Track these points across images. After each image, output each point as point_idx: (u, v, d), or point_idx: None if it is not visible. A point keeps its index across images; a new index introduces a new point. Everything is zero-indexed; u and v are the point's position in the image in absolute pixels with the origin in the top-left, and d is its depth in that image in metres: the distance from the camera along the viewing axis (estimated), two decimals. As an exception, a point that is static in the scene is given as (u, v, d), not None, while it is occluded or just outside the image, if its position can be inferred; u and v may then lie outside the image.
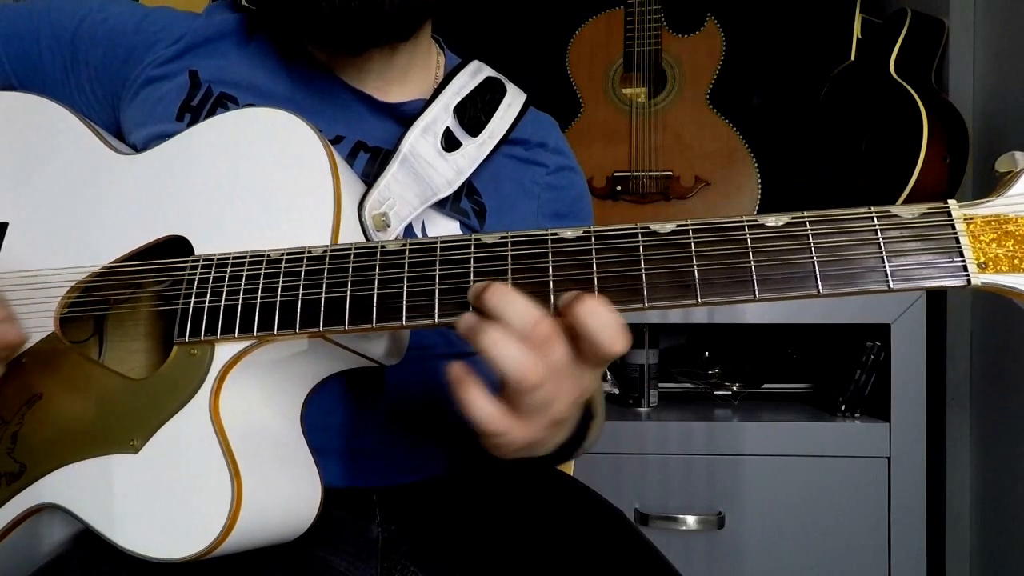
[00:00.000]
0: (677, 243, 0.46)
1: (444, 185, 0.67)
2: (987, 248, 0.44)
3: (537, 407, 0.46)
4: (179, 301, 0.54)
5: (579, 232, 0.48)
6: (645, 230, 0.47)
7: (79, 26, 0.71)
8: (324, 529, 0.57)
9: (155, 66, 0.70)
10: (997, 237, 0.44)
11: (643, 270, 0.46)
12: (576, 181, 0.81)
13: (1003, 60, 1.26)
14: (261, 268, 0.52)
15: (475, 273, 0.48)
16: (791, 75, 1.60)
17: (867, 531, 1.21)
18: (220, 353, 0.52)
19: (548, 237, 0.48)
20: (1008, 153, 0.46)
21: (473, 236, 0.50)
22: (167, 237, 0.58)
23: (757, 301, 0.45)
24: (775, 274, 0.45)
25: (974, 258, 0.44)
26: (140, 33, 0.71)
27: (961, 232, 0.44)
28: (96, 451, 0.53)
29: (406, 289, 0.49)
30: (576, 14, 1.52)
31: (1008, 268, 0.43)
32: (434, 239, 0.51)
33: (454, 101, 0.70)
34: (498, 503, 0.67)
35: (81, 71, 0.71)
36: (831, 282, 0.44)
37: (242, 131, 0.59)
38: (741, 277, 0.45)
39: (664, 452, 1.26)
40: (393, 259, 0.50)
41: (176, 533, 0.49)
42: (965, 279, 0.43)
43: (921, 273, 0.44)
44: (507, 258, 0.48)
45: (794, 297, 0.45)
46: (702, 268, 0.45)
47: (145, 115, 0.68)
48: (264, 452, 0.53)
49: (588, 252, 0.47)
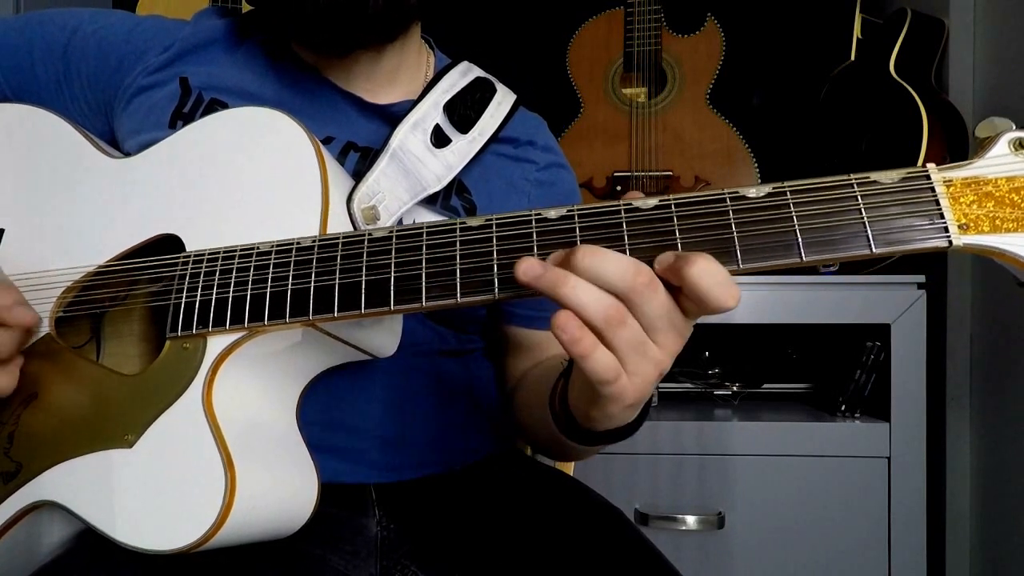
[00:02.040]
0: (659, 217, 0.46)
1: (434, 181, 0.67)
2: (968, 210, 0.44)
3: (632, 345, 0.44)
4: (171, 297, 0.54)
5: (562, 211, 0.48)
6: (628, 206, 0.47)
7: (71, 38, 0.72)
8: (322, 527, 0.57)
9: (146, 74, 0.71)
10: (977, 198, 0.44)
11: (627, 245, 0.46)
12: (566, 177, 0.81)
13: (1003, 60, 1.26)
14: (251, 260, 0.53)
15: (461, 256, 0.49)
16: (791, 75, 1.60)
17: (867, 531, 1.21)
18: (212, 346, 0.53)
19: (532, 217, 0.49)
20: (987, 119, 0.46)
21: (459, 221, 0.50)
22: (159, 236, 0.58)
23: (741, 272, 0.45)
24: (758, 243, 0.45)
25: (955, 219, 0.44)
26: (131, 43, 0.72)
27: (941, 194, 0.44)
28: (91, 447, 0.53)
29: (393, 275, 0.50)
30: (576, 14, 1.52)
31: (989, 229, 0.44)
32: (420, 225, 0.51)
33: (444, 99, 0.71)
34: (498, 502, 0.67)
35: (74, 82, 0.72)
36: (814, 249, 0.44)
37: (229, 130, 0.59)
38: (724, 248, 0.45)
39: (664, 452, 1.26)
40: (380, 246, 0.51)
41: (170, 525, 0.49)
42: (947, 240, 0.44)
43: (903, 236, 0.44)
44: (492, 239, 0.49)
45: (778, 265, 0.45)
46: (685, 241, 0.46)
47: (138, 123, 0.69)
48: (259, 445, 0.53)
49: (572, 231, 0.48)
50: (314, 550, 0.62)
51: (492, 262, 0.48)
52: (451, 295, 0.48)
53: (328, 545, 0.63)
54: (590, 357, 0.43)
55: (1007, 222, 0.44)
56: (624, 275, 0.43)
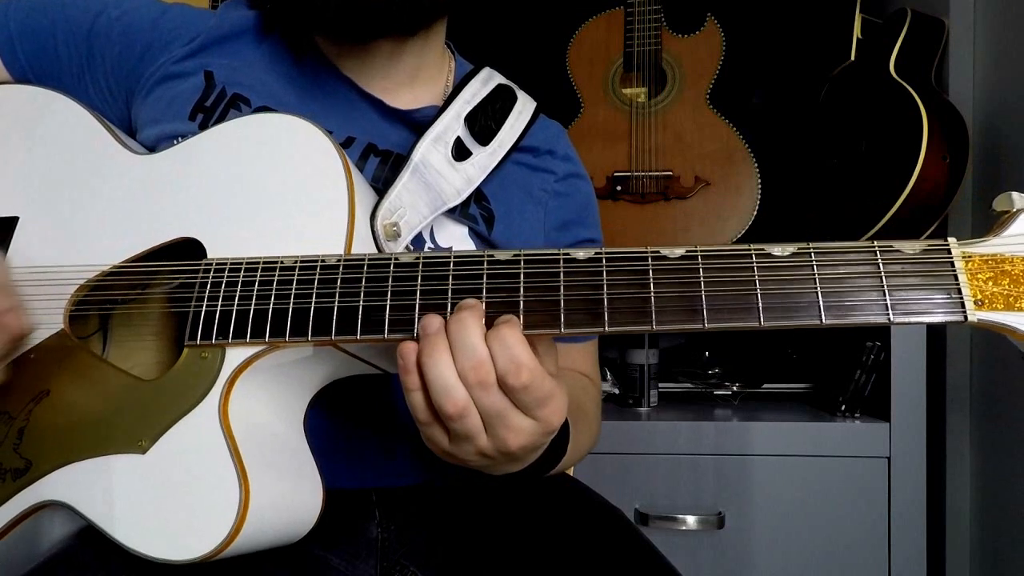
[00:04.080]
0: (686, 268, 0.47)
1: (454, 194, 0.67)
2: (984, 286, 0.45)
3: (462, 435, 0.48)
4: (191, 303, 0.54)
5: (591, 253, 0.49)
6: (655, 254, 0.48)
7: (95, 22, 0.71)
8: (323, 528, 0.57)
9: (172, 63, 0.70)
10: (994, 276, 0.45)
11: (652, 293, 0.47)
12: (583, 188, 0.81)
13: (1003, 60, 1.26)
14: (274, 275, 0.53)
15: (487, 289, 0.49)
16: (791, 75, 1.60)
17: (867, 531, 1.21)
18: (231, 357, 0.52)
19: (560, 257, 0.49)
20: (1005, 193, 0.47)
21: (486, 252, 0.50)
22: (179, 239, 0.58)
23: (762, 328, 0.46)
24: (780, 302, 0.46)
25: (971, 295, 0.45)
26: (156, 30, 0.71)
27: (960, 270, 0.45)
28: (103, 450, 0.53)
29: (419, 302, 0.50)
30: (576, 14, 1.52)
31: (1003, 306, 0.45)
32: (447, 253, 0.51)
33: (465, 110, 0.70)
34: (498, 503, 0.67)
35: (97, 66, 0.71)
36: (833, 312, 0.45)
37: (258, 137, 0.59)
38: (747, 304, 0.46)
39: (664, 452, 1.26)
40: (406, 271, 0.51)
41: (182, 535, 0.49)
42: (962, 315, 0.45)
43: (920, 307, 0.45)
44: (519, 276, 0.49)
45: (798, 326, 0.46)
46: (709, 294, 0.46)
47: (159, 113, 0.68)
48: (270, 456, 0.53)
49: (599, 274, 0.48)
50: (315, 551, 0.62)
51: (519, 299, 0.48)
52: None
53: (329, 546, 0.63)
54: (409, 393, 0.49)
55: (1021, 300, 0.45)
56: (463, 371, 0.46)
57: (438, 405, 0.47)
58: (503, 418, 0.47)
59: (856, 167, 1.32)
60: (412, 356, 0.48)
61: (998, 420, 1.23)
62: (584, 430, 0.70)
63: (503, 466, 0.53)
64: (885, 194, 1.24)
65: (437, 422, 0.49)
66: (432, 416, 0.49)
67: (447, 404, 0.47)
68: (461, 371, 0.46)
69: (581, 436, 0.68)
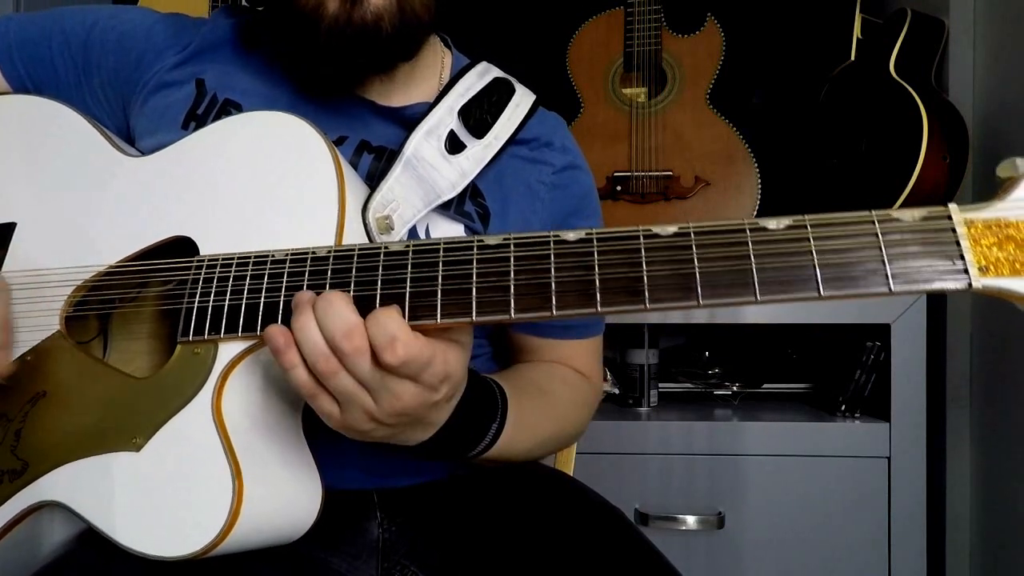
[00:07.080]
0: (679, 245, 0.46)
1: (448, 188, 0.67)
2: (988, 252, 0.44)
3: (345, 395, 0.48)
4: (183, 300, 0.54)
5: (581, 234, 0.48)
6: (647, 232, 0.47)
7: (90, 32, 0.72)
8: (323, 529, 0.57)
9: (166, 71, 0.70)
10: (998, 241, 0.44)
11: (645, 272, 0.46)
12: (582, 179, 0.80)
13: (1003, 60, 1.26)
14: (265, 268, 0.53)
15: (478, 274, 0.48)
16: (791, 75, 1.60)
17: (867, 531, 1.21)
18: (223, 352, 0.52)
19: (550, 239, 0.48)
20: (1009, 159, 0.46)
21: (476, 238, 0.50)
22: (173, 238, 0.58)
23: (758, 303, 0.45)
24: (776, 276, 0.45)
25: (975, 261, 0.43)
26: (151, 39, 0.72)
27: (962, 235, 0.44)
28: (98, 449, 0.53)
29: (409, 290, 0.49)
30: (576, 14, 1.52)
31: (1009, 272, 0.43)
32: (437, 240, 0.51)
33: (459, 103, 0.70)
34: (498, 503, 0.67)
35: (93, 76, 0.72)
36: (832, 284, 0.44)
37: (248, 134, 0.59)
38: (742, 279, 0.45)
39: (664, 452, 1.26)
40: (396, 260, 0.50)
41: (176, 531, 0.49)
42: (966, 282, 0.43)
43: (922, 276, 0.44)
44: (509, 259, 0.48)
45: (795, 299, 0.44)
46: (703, 270, 0.45)
47: (154, 123, 0.69)
48: (265, 452, 0.53)
49: (590, 254, 0.47)
50: (315, 553, 0.62)
51: (509, 282, 0.48)
52: (466, 313, 0.48)
53: (329, 547, 0.63)
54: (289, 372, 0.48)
55: None
56: (333, 335, 0.47)
57: (313, 366, 0.47)
58: (385, 384, 0.48)
59: (856, 167, 1.32)
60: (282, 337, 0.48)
61: (998, 420, 1.23)
62: (542, 413, 0.68)
63: (409, 432, 0.53)
64: (885, 194, 1.24)
65: (323, 391, 0.49)
66: (317, 385, 0.49)
67: (320, 361, 0.47)
68: (332, 338, 0.47)
69: (534, 417, 0.67)
